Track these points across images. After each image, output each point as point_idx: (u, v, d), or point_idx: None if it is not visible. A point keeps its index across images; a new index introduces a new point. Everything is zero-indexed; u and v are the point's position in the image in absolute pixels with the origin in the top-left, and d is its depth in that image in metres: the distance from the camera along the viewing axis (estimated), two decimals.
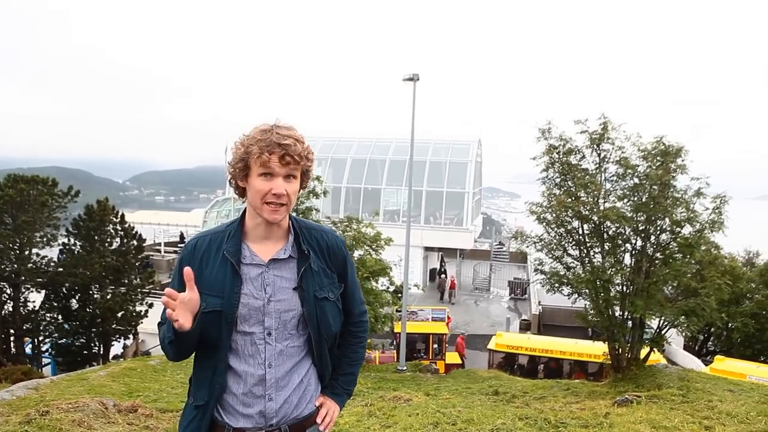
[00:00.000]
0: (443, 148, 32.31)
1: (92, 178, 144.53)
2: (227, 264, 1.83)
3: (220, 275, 1.82)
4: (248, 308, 1.82)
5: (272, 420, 1.85)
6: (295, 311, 1.86)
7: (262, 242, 1.88)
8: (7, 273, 16.97)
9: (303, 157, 1.80)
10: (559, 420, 5.24)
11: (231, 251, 1.83)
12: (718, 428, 4.59)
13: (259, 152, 1.74)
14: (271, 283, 1.85)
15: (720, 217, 9.47)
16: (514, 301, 29.42)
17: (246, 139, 1.79)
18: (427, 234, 30.09)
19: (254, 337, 1.84)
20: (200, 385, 1.88)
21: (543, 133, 10.08)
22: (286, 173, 1.78)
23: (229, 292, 1.80)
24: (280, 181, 1.77)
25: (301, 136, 1.82)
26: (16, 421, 5.45)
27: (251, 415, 1.84)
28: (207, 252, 1.86)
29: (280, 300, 1.85)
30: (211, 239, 1.89)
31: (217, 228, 1.93)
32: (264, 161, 1.75)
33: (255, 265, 1.85)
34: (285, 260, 1.87)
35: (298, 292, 1.86)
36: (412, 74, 14.09)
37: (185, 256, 1.88)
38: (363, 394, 8.49)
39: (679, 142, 9.65)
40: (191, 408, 1.90)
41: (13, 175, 17.38)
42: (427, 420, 5.61)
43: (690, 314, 9.29)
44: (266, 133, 1.76)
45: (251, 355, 1.84)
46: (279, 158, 1.75)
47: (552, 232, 10.28)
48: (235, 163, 1.80)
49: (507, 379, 12.04)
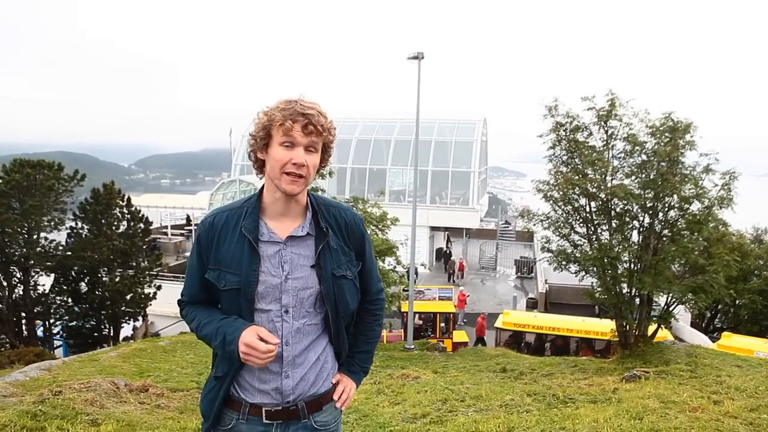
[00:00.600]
0: (449, 128, 32.10)
1: (98, 163, 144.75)
2: (245, 241, 1.81)
3: (238, 252, 1.80)
4: (265, 286, 1.81)
5: (289, 397, 1.85)
6: (312, 289, 1.85)
7: (279, 219, 1.86)
8: (17, 257, 17.11)
9: (326, 129, 1.79)
10: (567, 396, 5.26)
11: (249, 228, 1.81)
12: (727, 402, 4.59)
13: (282, 120, 1.73)
14: (288, 261, 1.83)
15: (729, 194, 9.40)
16: (521, 279, 29.45)
17: (270, 109, 1.79)
18: (433, 213, 30.07)
19: (271, 314, 1.83)
20: (223, 358, 1.87)
21: (550, 111, 9.98)
22: (308, 143, 1.77)
23: (247, 269, 1.79)
24: (301, 151, 1.75)
25: (324, 111, 1.82)
26: (31, 401, 5.52)
27: (267, 392, 1.85)
28: (225, 228, 1.85)
29: (298, 278, 1.83)
30: (229, 215, 1.87)
31: (234, 204, 1.92)
32: (287, 129, 1.73)
33: (273, 242, 1.83)
34: (303, 237, 1.86)
35: (316, 269, 1.85)
36: (417, 53, 13.93)
37: (203, 233, 1.87)
38: (371, 373, 8.55)
39: (688, 118, 9.55)
40: (212, 379, 1.93)
41: (19, 159, 17.43)
42: (435, 397, 5.64)
43: (698, 291, 9.28)
44: (290, 104, 1.76)
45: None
46: (302, 127, 1.74)
47: (559, 210, 10.23)
48: (257, 133, 1.79)
49: (514, 356, 12.09)
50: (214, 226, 1.86)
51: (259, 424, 1.86)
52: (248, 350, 1.69)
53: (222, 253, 1.82)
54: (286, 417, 1.87)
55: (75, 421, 4.87)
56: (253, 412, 1.86)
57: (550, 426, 4.11)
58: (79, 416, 5.01)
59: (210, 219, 1.89)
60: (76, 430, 4.67)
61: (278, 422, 1.87)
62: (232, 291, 1.79)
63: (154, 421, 5.21)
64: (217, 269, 1.83)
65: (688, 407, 4.45)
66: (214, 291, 1.87)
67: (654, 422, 3.96)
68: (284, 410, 1.86)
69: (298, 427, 1.89)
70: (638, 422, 3.97)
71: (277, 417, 1.86)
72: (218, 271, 1.82)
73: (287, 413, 1.86)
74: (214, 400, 1.88)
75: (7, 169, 16.97)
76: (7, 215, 16.28)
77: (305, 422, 1.90)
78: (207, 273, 1.85)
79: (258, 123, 1.79)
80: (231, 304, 1.82)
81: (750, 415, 4.14)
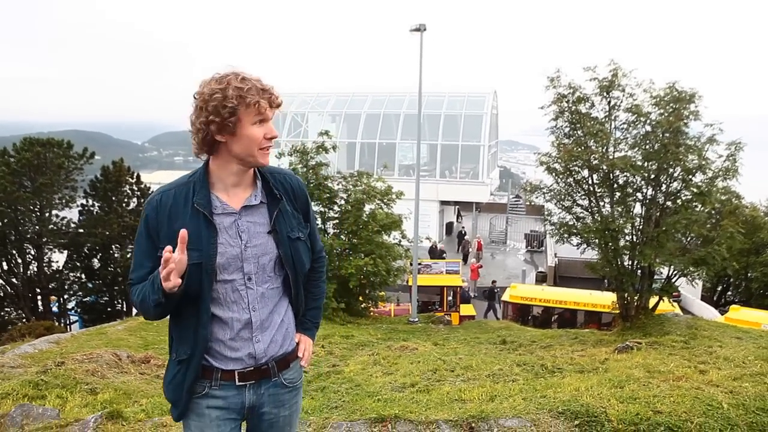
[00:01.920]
0: (458, 101, 31.78)
1: (111, 141, 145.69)
2: (199, 216, 1.83)
3: (194, 228, 1.80)
4: (226, 257, 1.85)
5: (261, 360, 1.92)
6: (272, 254, 1.91)
7: (230, 191, 1.89)
8: (30, 234, 17.46)
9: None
10: (555, 366, 5.32)
11: (202, 203, 1.84)
12: (713, 372, 4.62)
13: (255, 100, 1.76)
14: (245, 230, 1.88)
15: (734, 165, 9.26)
16: (531, 253, 29.42)
17: (223, 90, 1.75)
18: (443, 188, 29.99)
19: (235, 283, 1.88)
20: (183, 340, 1.90)
21: (552, 81, 9.85)
22: (272, 116, 1.85)
23: (206, 243, 1.82)
24: (270, 125, 1.84)
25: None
26: (34, 372, 5.71)
27: (240, 358, 1.90)
28: (174, 206, 1.85)
29: (257, 245, 1.89)
30: (176, 192, 1.87)
31: (178, 181, 1.92)
32: (262, 108, 1.78)
33: (227, 213, 1.87)
34: (256, 206, 1.91)
35: (273, 235, 1.91)
36: (419, 25, 13.75)
37: (150, 213, 1.87)
38: (372, 345, 8.69)
39: (693, 88, 9.37)
40: (174, 363, 1.94)
41: (29, 138, 17.66)
42: (427, 367, 5.74)
43: (700, 263, 9.22)
44: (247, 81, 1.78)
45: (234, 302, 1.89)
46: (269, 103, 1.81)
47: (561, 182, 10.17)
48: (218, 118, 1.76)
49: (517, 329, 12.17)
50: (162, 204, 1.86)
51: (232, 387, 1.92)
52: (167, 259, 1.68)
53: (176, 231, 1.78)
54: (258, 377, 1.94)
55: (74, 390, 5.05)
56: (225, 377, 1.91)
57: (532, 394, 4.17)
58: (79, 385, 5.18)
59: (157, 198, 1.88)
60: (75, 398, 4.84)
61: (251, 383, 1.93)
62: (194, 266, 1.79)
63: (152, 390, 5.37)
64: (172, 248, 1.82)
65: (673, 376, 4.49)
66: None
67: (634, 390, 4.00)
68: (256, 370, 1.93)
69: (269, 385, 1.97)
70: (618, 390, 4.02)
71: (250, 377, 1.92)
72: (175, 249, 1.80)
73: (259, 373, 1.93)
74: (182, 384, 1.90)
75: (17, 148, 17.22)
76: (19, 193, 16.58)
77: (275, 380, 1.98)
78: (159, 252, 1.81)
79: (215, 108, 1.75)
80: (192, 280, 1.81)
81: (732, 384, 4.16)
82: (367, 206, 13.99)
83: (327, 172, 14.31)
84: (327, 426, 3.57)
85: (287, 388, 2.03)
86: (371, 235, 13.57)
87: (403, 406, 4.08)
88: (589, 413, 3.54)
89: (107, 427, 3.63)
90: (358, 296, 14.40)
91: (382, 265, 13.29)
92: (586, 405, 3.65)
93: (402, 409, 3.84)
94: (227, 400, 1.92)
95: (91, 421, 3.70)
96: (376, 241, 13.73)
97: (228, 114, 1.75)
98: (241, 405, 1.94)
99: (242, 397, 1.94)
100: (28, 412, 3.96)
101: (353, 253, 13.67)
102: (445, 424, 3.51)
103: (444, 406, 4.12)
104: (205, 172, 1.90)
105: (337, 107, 33.06)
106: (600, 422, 3.47)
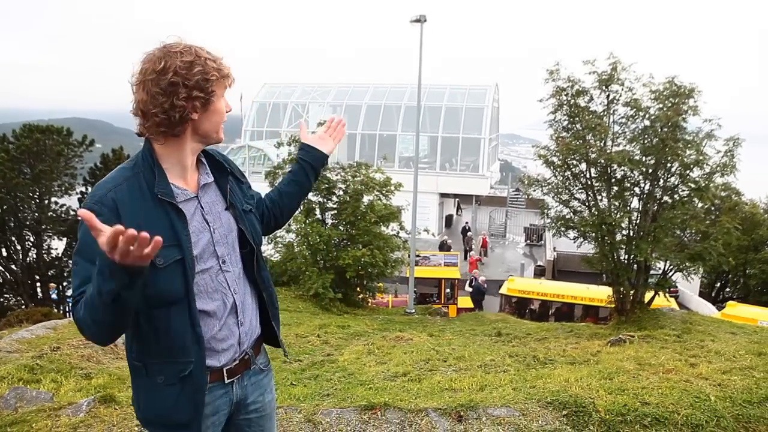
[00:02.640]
0: (459, 93, 31.74)
1: (112, 129, 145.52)
2: (165, 208, 1.61)
3: (164, 222, 1.60)
4: (201, 245, 1.69)
5: (244, 345, 1.81)
6: (234, 231, 1.80)
7: (182, 175, 1.71)
8: (29, 221, 17.49)
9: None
10: (547, 357, 5.35)
11: (166, 192, 1.62)
12: (703, 365, 4.65)
13: (228, 72, 1.67)
14: (208, 211, 1.74)
15: (732, 161, 9.27)
16: (530, 247, 29.44)
17: (202, 63, 1.60)
18: (443, 180, 29.99)
19: (211, 271, 1.72)
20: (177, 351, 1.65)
21: (551, 74, 9.85)
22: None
23: (182, 236, 1.62)
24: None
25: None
26: (30, 356, 5.76)
27: (227, 348, 1.77)
28: (131, 201, 1.58)
29: (222, 224, 1.77)
30: (129, 186, 1.60)
31: (123, 174, 1.63)
32: (232, 80, 1.69)
33: (189, 199, 1.70)
34: (210, 185, 1.78)
35: (231, 210, 1.80)
36: (419, 15, 13.71)
37: (104, 213, 1.51)
38: (367, 335, 8.73)
39: (693, 83, 9.37)
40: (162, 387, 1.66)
41: (28, 124, 17.65)
42: (419, 357, 5.77)
43: (696, 258, 9.25)
44: (212, 54, 1.65)
45: (215, 290, 1.72)
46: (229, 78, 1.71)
47: (559, 175, 10.18)
48: (204, 93, 1.61)
49: (514, 321, 12.22)
50: (117, 202, 1.56)
51: (220, 387, 1.78)
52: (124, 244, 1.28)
53: (143, 229, 1.35)
54: (243, 368, 1.83)
55: (69, 375, 5.10)
56: (213, 378, 1.75)
57: (522, 384, 4.20)
58: (74, 370, 5.23)
59: (109, 195, 1.56)
60: (69, 382, 4.88)
61: (237, 377, 1.82)
62: (173, 264, 1.60)
63: None
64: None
65: (663, 369, 4.52)
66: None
67: (623, 382, 4.04)
68: (241, 362, 1.82)
69: (249, 374, 1.87)
70: (608, 382, 4.05)
71: (237, 371, 1.81)
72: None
73: (243, 364, 1.83)
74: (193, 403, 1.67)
75: (17, 134, 17.23)
76: (18, 180, 16.60)
77: (254, 368, 1.89)
78: None
79: (198, 81, 1.58)
80: (171, 282, 1.60)
81: (721, 377, 4.20)
82: (366, 197, 14.01)
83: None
84: (317, 413, 3.60)
85: (264, 372, 1.95)
86: (369, 226, 13.59)
87: (393, 395, 4.11)
88: (577, 403, 3.57)
89: (100, 411, 3.67)
90: (356, 287, 14.44)
91: (379, 257, 13.32)
92: (574, 395, 3.68)
93: (392, 397, 3.87)
94: (215, 404, 1.78)
95: (84, 405, 3.73)
96: (374, 232, 13.76)
97: (211, 88, 1.62)
98: (229, 403, 1.83)
99: (229, 395, 1.82)
100: (22, 395, 4.00)
101: (351, 244, 13.70)
102: (434, 412, 3.54)
103: (434, 394, 4.16)
104: (152, 158, 1.65)
105: (338, 98, 33.00)
106: (588, 412, 3.50)
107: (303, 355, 6.84)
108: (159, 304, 1.60)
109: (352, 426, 3.41)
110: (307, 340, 7.93)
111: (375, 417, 3.50)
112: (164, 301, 1.60)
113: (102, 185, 1.60)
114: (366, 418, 3.49)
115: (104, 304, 1.39)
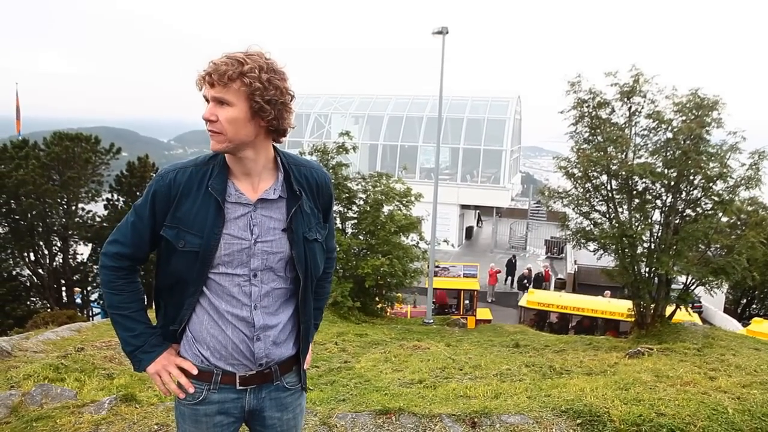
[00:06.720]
0: (481, 105, 31.71)
1: (138, 138, 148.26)
2: (210, 201, 1.69)
3: (202, 213, 1.68)
4: (231, 249, 1.71)
5: (262, 360, 1.80)
6: (283, 253, 1.76)
7: (247, 179, 1.74)
8: (56, 227, 17.87)
9: (232, 77, 1.59)
10: (564, 368, 5.33)
11: (217, 188, 1.69)
12: (722, 378, 4.59)
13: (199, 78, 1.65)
14: (258, 224, 1.73)
15: (757, 174, 9.15)
16: (551, 260, 29.14)
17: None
18: (464, 192, 29.95)
19: (238, 278, 1.74)
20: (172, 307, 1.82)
21: (572, 86, 9.84)
22: (213, 96, 1.62)
23: (209, 232, 1.68)
24: (210, 106, 1.64)
25: (243, 57, 1.61)
26: (55, 356, 5.91)
27: (238, 359, 1.79)
28: (187, 186, 1.70)
29: (268, 241, 1.74)
30: (192, 172, 1.72)
31: (198, 160, 1.77)
32: (200, 86, 1.66)
33: (241, 204, 1.72)
34: (274, 200, 1.75)
35: (288, 233, 1.76)
36: (441, 27, 13.81)
37: (161, 189, 1.70)
38: (385, 343, 8.75)
39: (716, 95, 9.28)
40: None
41: (59, 132, 18.10)
42: (436, 365, 5.79)
43: (719, 272, 9.11)
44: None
45: (234, 296, 1.74)
46: (206, 81, 1.63)
47: (579, 187, 10.14)
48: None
49: (532, 333, 12.13)
50: (176, 182, 1.70)
51: (232, 391, 1.81)
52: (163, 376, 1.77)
53: (183, 212, 1.68)
54: (260, 381, 1.83)
55: (92, 375, 5.22)
56: (225, 380, 1.79)
57: (537, 393, 4.20)
58: (97, 370, 5.35)
59: (172, 174, 1.72)
60: (92, 381, 5.00)
61: (252, 387, 1.83)
62: (191, 253, 1.69)
63: None
64: (175, 228, 1.70)
65: (681, 381, 4.48)
66: (162, 250, 1.77)
67: (639, 393, 4.01)
68: (258, 374, 1.81)
69: (270, 389, 1.87)
70: (623, 392, 4.03)
71: (252, 382, 1.82)
72: (176, 229, 1.70)
73: (261, 377, 1.83)
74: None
75: (47, 142, 17.68)
76: (47, 186, 16.98)
77: (277, 384, 1.87)
78: (163, 230, 1.72)
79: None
80: (186, 266, 1.70)
81: (740, 391, 4.14)
82: (386, 207, 14.07)
83: (347, 172, 14.43)
84: (333, 416, 3.65)
85: (289, 391, 1.91)
86: (389, 236, 13.64)
87: (408, 400, 4.14)
88: (591, 413, 3.57)
89: (121, 409, 3.76)
90: (374, 296, 14.47)
91: (398, 266, 13.35)
92: (589, 405, 3.67)
93: (407, 403, 3.91)
94: (225, 405, 1.81)
95: (106, 403, 3.84)
96: (393, 242, 13.81)
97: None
98: (240, 409, 1.84)
99: (242, 401, 1.83)
100: (48, 392, 4.12)
101: (370, 253, 13.76)
102: (448, 418, 3.57)
103: (449, 401, 4.17)
104: (224, 156, 1.74)
105: (360, 109, 33.23)
106: (602, 422, 3.49)
107: (320, 361, 6.90)
108: (171, 282, 1.76)
109: (366, 429, 3.45)
110: (325, 348, 7.98)
111: (389, 421, 3.54)
112: (175, 280, 1.75)
113: (174, 164, 1.78)
114: (380, 423, 3.53)
115: (111, 316, 1.84)
